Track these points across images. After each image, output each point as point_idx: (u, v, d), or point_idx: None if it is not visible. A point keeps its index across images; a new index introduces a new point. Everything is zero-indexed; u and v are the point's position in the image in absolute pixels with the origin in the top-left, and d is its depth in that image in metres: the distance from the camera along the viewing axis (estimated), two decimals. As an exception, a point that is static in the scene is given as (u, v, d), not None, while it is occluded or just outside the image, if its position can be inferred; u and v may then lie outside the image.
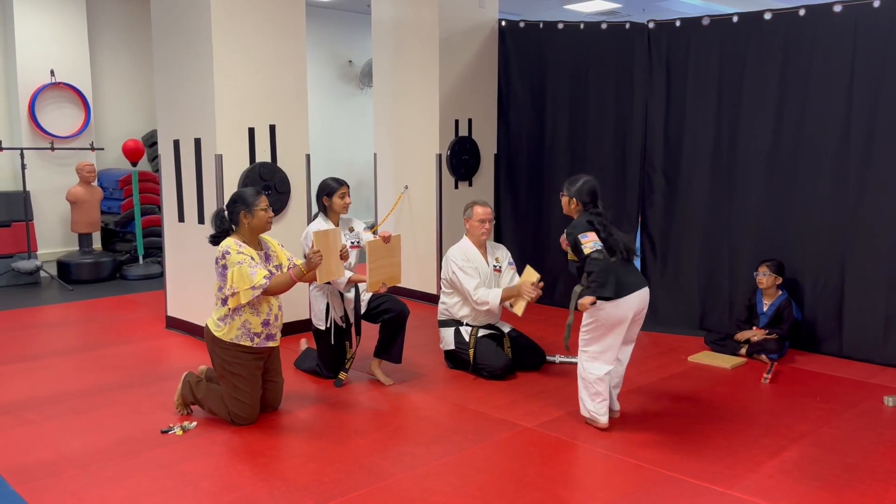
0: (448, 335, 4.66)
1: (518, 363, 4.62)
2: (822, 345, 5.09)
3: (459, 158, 6.51)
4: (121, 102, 9.46)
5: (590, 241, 3.51)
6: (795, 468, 3.30)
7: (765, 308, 5.04)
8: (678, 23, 5.65)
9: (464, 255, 4.58)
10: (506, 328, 4.73)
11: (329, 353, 4.44)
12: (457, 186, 6.57)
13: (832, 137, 4.98)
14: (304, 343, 4.99)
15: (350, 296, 4.37)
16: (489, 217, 4.63)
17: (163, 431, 3.67)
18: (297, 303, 5.29)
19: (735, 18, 5.36)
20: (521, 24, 6.63)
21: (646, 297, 3.67)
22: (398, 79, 6.70)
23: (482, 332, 4.61)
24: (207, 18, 4.93)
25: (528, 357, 4.67)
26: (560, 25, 6.32)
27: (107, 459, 3.37)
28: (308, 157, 5.49)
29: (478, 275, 4.54)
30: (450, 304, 4.65)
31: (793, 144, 5.15)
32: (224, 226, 3.78)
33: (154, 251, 8.05)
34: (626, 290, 3.56)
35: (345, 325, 4.41)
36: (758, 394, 4.31)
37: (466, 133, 6.58)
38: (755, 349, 4.89)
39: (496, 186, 6.88)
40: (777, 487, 3.12)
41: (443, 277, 4.69)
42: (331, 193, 4.36)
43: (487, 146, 6.76)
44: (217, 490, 3.09)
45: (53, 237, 8.58)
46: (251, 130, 5.15)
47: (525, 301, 4.36)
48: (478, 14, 6.57)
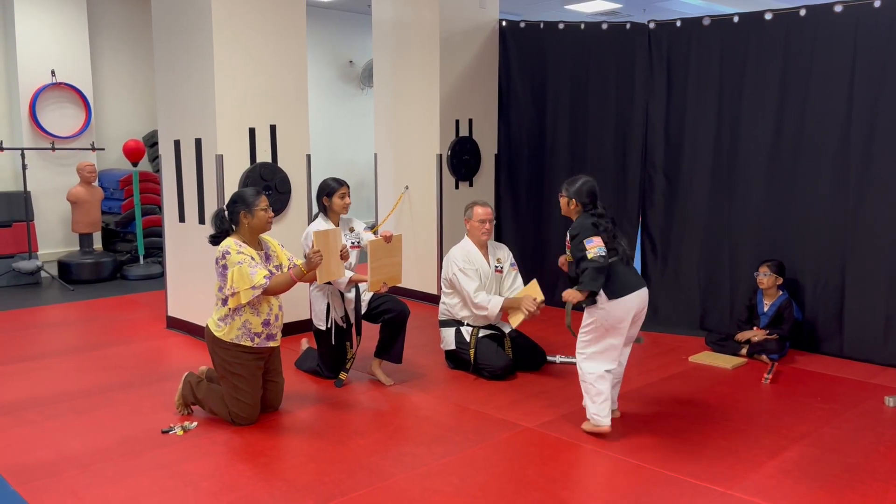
0: (449, 335, 4.65)
1: (519, 363, 4.61)
2: (823, 345, 5.09)
3: (460, 158, 6.52)
4: (121, 102, 9.46)
5: (595, 247, 3.49)
6: (796, 468, 3.30)
7: (765, 308, 5.04)
8: (679, 23, 5.66)
9: (465, 256, 4.57)
10: (506, 328, 4.72)
11: (330, 354, 4.44)
12: (457, 187, 6.57)
13: (833, 137, 4.98)
14: (305, 343, 4.99)
15: (350, 296, 4.37)
16: (489, 217, 4.62)
17: (163, 431, 3.68)
18: (298, 303, 5.29)
19: (736, 18, 5.36)
20: (522, 25, 6.63)
21: (645, 298, 3.67)
22: (399, 79, 6.70)
23: (483, 333, 4.60)
24: (208, 18, 4.93)
25: (529, 357, 4.67)
26: (561, 26, 6.32)
27: (107, 459, 3.37)
28: (308, 158, 5.49)
29: (478, 277, 4.54)
30: (451, 305, 4.65)
31: (793, 144, 5.15)
32: (224, 226, 3.78)
33: (155, 251, 8.06)
34: (626, 290, 3.55)
35: (345, 326, 4.41)
36: (758, 394, 4.31)
37: (467, 133, 6.57)
38: (756, 349, 4.89)
39: (496, 187, 6.88)
40: (777, 488, 3.12)
41: (443, 278, 4.69)
42: (331, 193, 4.36)
43: (488, 146, 6.76)
44: (217, 490, 3.09)
45: (54, 237, 8.59)
46: (252, 131, 5.15)
47: (523, 315, 4.37)
48: (478, 14, 6.57)
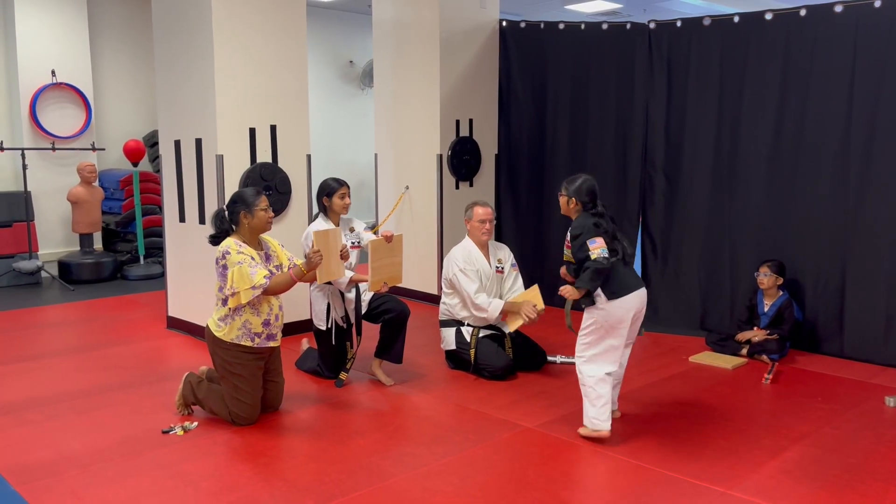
0: (449, 335, 4.65)
1: (519, 363, 4.61)
2: (823, 345, 5.09)
3: (460, 159, 6.51)
4: (122, 103, 9.46)
5: (598, 248, 3.48)
6: (796, 468, 3.30)
7: (766, 308, 5.04)
8: (679, 23, 5.65)
9: (466, 257, 4.57)
10: (507, 328, 4.72)
11: (330, 354, 4.44)
12: (458, 187, 6.57)
13: (833, 137, 4.98)
14: (306, 343, 4.99)
15: (351, 296, 4.37)
16: (490, 217, 4.62)
17: (164, 431, 3.68)
18: (298, 303, 5.29)
19: (736, 19, 5.36)
20: (522, 25, 6.63)
21: (644, 298, 3.66)
22: (399, 79, 6.70)
23: (483, 333, 4.60)
24: (208, 18, 4.93)
25: (530, 357, 4.67)
26: (561, 26, 6.32)
27: (107, 459, 3.37)
28: (309, 158, 5.49)
29: (479, 277, 4.54)
30: (451, 305, 4.64)
31: (793, 144, 5.15)
32: (224, 226, 3.78)
33: (155, 251, 8.06)
34: (626, 290, 3.54)
35: (346, 326, 4.41)
36: (759, 394, 4.31)
37: (467, 133, 6.57)
38: (756, 349, 4.89)
39: (497, 187, 6.88)
40: (778, 488, 3.12)
41: (444, 278, 4.68)
42: (331, 194, 4.36)
43: (488, 146, 6.76)
44: (218, 490, 3.09)
45: (54, 237, 8.59)
46: (252, 131, 5.15)
47: (521, 321, 4.37)
48: (479, 14, 6.57)
